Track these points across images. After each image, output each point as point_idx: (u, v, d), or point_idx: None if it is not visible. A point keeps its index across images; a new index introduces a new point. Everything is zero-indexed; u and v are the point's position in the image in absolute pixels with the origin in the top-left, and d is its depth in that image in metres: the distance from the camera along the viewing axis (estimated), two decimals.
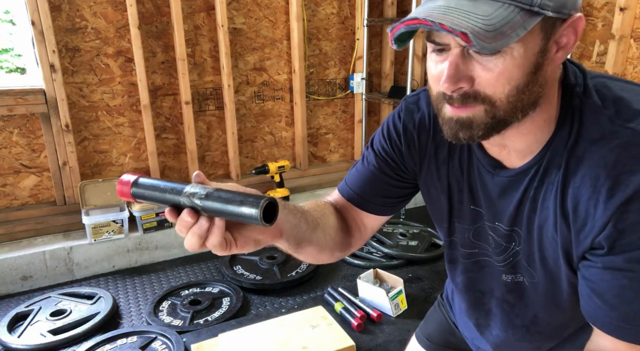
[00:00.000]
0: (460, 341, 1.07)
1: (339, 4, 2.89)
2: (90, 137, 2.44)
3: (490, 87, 0.60)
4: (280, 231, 0.70)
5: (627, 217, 0.58)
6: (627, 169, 0.58)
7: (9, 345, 1.77)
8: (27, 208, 2.35)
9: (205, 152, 2.76)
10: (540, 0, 0.55)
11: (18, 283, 2.21)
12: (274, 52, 2.79)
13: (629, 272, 0.60)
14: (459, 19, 0.54)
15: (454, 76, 0.59)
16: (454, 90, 0.60)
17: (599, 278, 0.63)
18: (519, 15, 0.55)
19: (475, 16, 0.55)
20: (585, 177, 0.62)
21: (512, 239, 0.76)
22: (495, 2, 0.56)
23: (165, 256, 2.51)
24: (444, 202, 0.84)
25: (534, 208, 0.70)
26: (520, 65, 0.58)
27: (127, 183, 0.61)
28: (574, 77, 0.67)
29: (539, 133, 0.67)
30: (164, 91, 2.56)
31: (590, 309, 0.65)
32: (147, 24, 2.42)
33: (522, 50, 0.58)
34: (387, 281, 2.08)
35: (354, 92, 3.06)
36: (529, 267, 0.76)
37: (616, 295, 0.61)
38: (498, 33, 0.54)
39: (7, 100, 2.16)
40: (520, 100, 0.61)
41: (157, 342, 1.78)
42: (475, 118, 0.62)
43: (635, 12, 2.17)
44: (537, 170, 0.68)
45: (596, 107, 0.63)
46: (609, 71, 2.25)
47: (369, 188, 0.89)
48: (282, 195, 2.81)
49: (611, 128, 0.61)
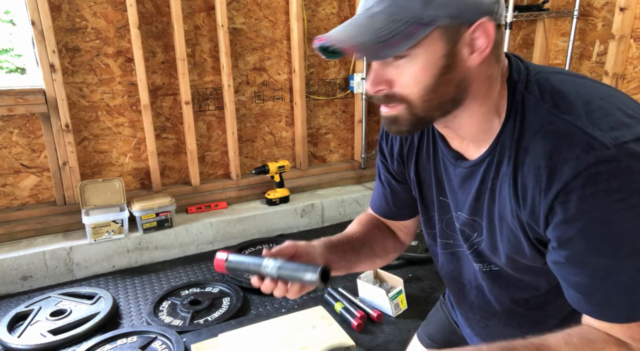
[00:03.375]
0: (462, 341, 1.07)
1: (339, 4, 2.90)
2: (90, 137, 2.44)
3: (405, 88, 0.68)
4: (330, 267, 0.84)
5: (568, 208, 0.62)
6: (561, 158, 0.62)
7: (9, 345, 1.77)
8: (27, 208, 2.35)
9: (205, 152, 2.76)
10: (430, 12, 0.61)
11: (18, 283, 2.21)
12: (274, 52, 2.79)
13: (587, 263, 0.64)
14: (351, 36, 0.64)
15: (374, 80, 0.69)
16: (375, 92, 0.70)
17: (566, 273, 0.67)
18: (410, 26, 0.62)
19: (367, 31, 0.63)
20: (530, 166, 0.66)
21: (474, 229, 0.81)
22: (388, 17, 0.63)
23: (165, 256, 2.51)
24: (418, 196, 0.92)
25: (493, 198, 0.74)
26: (425, 69, 0.65)
27: (222, 261, 0.85)
28: (517, 73, 0.71)
29: (485, 125, 0.72)
30: (164, 91, 2.56)
31: (570, 298, 0.69)
32: (147, 24, 2.42)
33: (426, 55, 0.64)
34: (387, 281, 2.08)
35: (354, 92, 3.06)
36: (493, 255, 0.80)
37: (586, 285, 0.65)
38: (386, 43, 0.62)
39: (7, 100, 2.16)
40: (433, 99, 0.68)
41: (157, 342, 1.78)
42: (399, 116, 0.70)
43: (635, 12, 2.17)
44: (491, 161, 0.73)
45: (536, 100, 0.68)
46: (609, 71, 2.25)
47: (390, 202, 1.00)
48: (282, 195, 2.82)
49: (549, 119, 0.65)
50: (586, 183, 0.60)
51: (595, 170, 0.59)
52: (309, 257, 0.85)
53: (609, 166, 0.59)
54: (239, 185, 2.82)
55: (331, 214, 2.96)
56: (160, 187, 2.60)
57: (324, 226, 2.94)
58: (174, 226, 2.49)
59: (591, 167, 0.60)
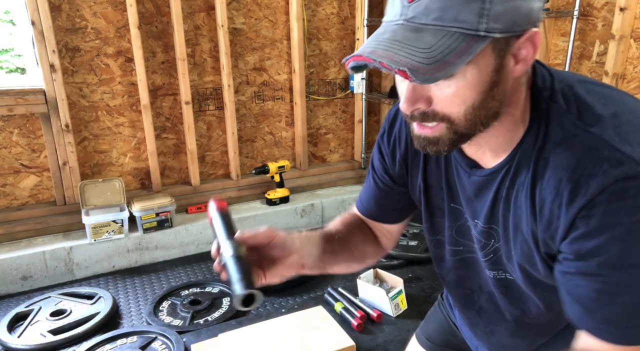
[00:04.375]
0: (460, 342, 1.07)
1: (339, 4, 2.89)
2: (90, 137, 2.44)
3: (447, 107, 0.62)
4: (302, 265, 0.82)
5: (590, 222, 0.60)
6: (586, 173, 0.60)
7: (9, 345, 1.77)
8: (27, 208, 2.35)
9: (205, 152, 2.76)
10: (485, 25, 0.56)
11: (18, 283, 2.21)
12: (274, 52, 2.79)
13: (600, 277, 0.61)
14: (399, 55, 0.56)
15: (411, 98, 0.62)
16: (412, 111, 0.63)
17: (573, 284, 0.65)
18: (464, 42, 0.56)
19: (417, 50, 0.56)
20: (550, 179, 0.64)
21: (491, 236, 0.78)
22: (439, 31, 0.56)
23: (165, 256, 2.51)
24: (423, 202, 0.88)
25: (508, 207, 0.72)
26: (473, 86, 0.60)
27: (210, 212, 0.82)
28: (542, 80, 0.68)
29: (509, 134, 0.69)
30: (164, 91, 2.56)
31: (571, 312, 0.67)
32: (147, 24, 2.42)
33: (475, 72, 0.59)
34: (387, 281, 2.08)
35: (354, 92, 3.06)
36: (508, 263, 0.77)
37: (593, 299, 0.63)
38: (441, 63, 0.55)
39: (7, 100, 2.16)
40: (478, 117, 0.63)
41: (157, 342, 1.78)
42: (441, 136, 0.65)
43: (635, 12, 2.16)
44: (508, 170, 0.70)
45: (561, 111, 0.65)
46: (609, 71, 2.25)
47: (381, 204, 0.97)
48: (282, 195, 2.82)
49: (574, 131, 0.62)
50: (612, 198, 0.58)
51: (622, 185, 0.57)
52: (283, 252, 0.80)
53: (637, 182, 0.57)
54: (239, 185, 2.82)
55: (331, 214, 2.96)
56: (160, 187, 2.60)
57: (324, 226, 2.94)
58: (174, 226, 2.49)
59: (619, 182, 0.57)
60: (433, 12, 0.56)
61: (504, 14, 0.56)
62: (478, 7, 0.55)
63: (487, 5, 0.55)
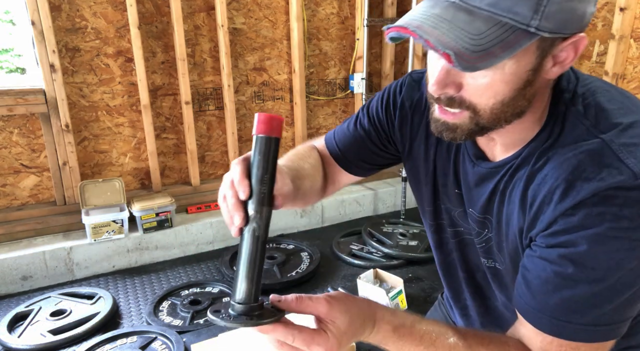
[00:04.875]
0: None
1: (339, 4, 2.89)
2: (90, 137, 2.44)
3: (476, 96, 0.61)
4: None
5: (571, 220, 0.60)
6: (583, 176, 0.60)
7: (9, 345, 1.77)
8: (27, 208, 2.35)
9: (205, 152, 2.76)
10: (538, 22, 0.54)
11: (18, 283, 2.20)
12: (274, 52, 2.79)
13: (557, 266, 0.62)
14: (447, 36, 0.54)
15: (442, 81, 0.60)
16: (440, 94, 0.62)
17: (532, 266, 0.66)
18: (513, 34, 0.54)
19: (466, 34, 0.54)
20: (547, 176, 0.64)
21: (485, 226, 0.79)
22: (491, 18, 0.54)
23: (165, 256, 2.51)
24: (430, 184, 0.87)
25: (503, 201, 0.73)
26: (509, 81, 0.59)
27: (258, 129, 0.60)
28: (567, 82, 0.67)
29: (525, 133, 0.69)
30: (164, 91, 2.56)
31: (517, 294, 0.68)
32: (147, 24, 2.42)
33: (515, 67, 0.58)
34: (387, 281, 2.08)
35: (354, 92, 3.06)
36: (499, 253, 0.78)
37: (540, 284, 0.64)
38: (486, 53, 0.54)
39: (7, 100, 2.15)
40: (503, 112, 0.62)
41: (157, 342, 1.78)
42: (461, 125, 0.64)
43: (635, 12, 2.16)
44: (512, 166, 0.70)
45: (578, 115, 0.64)
46: (609, 71, 2.25)
47: (356, 151, 0.93)
48: None
49: (585, 136, 0.62)
50: (598, 202, 0.58)
51: (612, 193, 0.58)
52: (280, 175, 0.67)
53: (628, 194, 0.57)
54: None
55: (331, 214, 2.96)
56: (160, 187, 2.60)
57: (324, 226, 2.94)
58: (174, 226, 2.49)
59: (610, 190, 0.58)
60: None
61: (558, 13, 0.54)
62: (535, 1, 0.53)
63: (544, 2, 0.53)
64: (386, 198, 3.13)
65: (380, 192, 3.10)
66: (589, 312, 0.62)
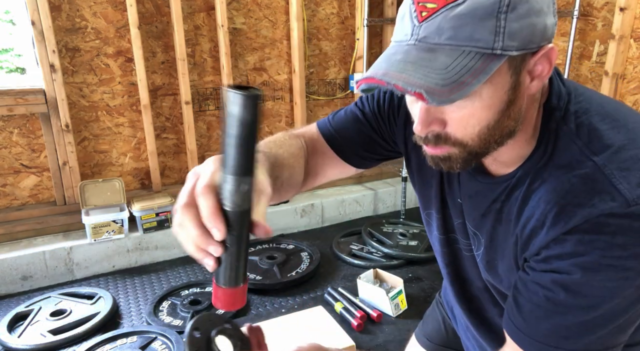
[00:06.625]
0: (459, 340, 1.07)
1: (339, 4, 2.89)
2: (90, 137, 2.44)
3: (461, 129, 0.61)
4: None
5: (563, 246, 0.60)
6: (575, 201, 0.59)
7: (9, 345, 1.77)
8: (27, 208, 2.35)
9: (205, 152, 2.76)
10: (501, 43, 0.54)
11: (18, 283, 2.21)
12: (274, 52, 2.79)
13: (549, 292, 0.62)
14: (414, 77, 0.54)
15: (425, 120, 0.60)
16: (426, 133, 0.62)
17: (524, 289, 0.66)
18: (480, 61, 0.54)
19: (433, 71, 0.54)
20: (541, 199, 0.63)
21: (475, 241, 0.79)
22: (453, 51, 0.55)
23: (165, 256, 2.51)
24: (436, 189, 0.85)
25: (499, 219, 0.72)
26: (490, 106, 0.59)
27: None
28: (557, 99, 0.66)
29: (520, 150, 0.68)
30: (164, 91, 2.56)
31: (507, 316, 0.68)
32: (147, 24, 2.42)
33: (492, 91, 0.58)
34: (387, 281, 2.08)
35: (354, 92, 3.06)
36: (487, 272, 0.78)
37: (531, 308, 0.64)
38: (457, 84, 0.54)
39: (7, 100, 2.15)
40: (492, 136, 0.62)
41: (157, 342, 1.78)
42: (452, 156, 0.64)
43: (635, 12, 2.17)
44: (507, 185, 0.70)
45: (570, 134, 0.64)
46: (609, 71, 2.25)
47: (354, 135, 0.88)
48: None
49: (579, 158, 0.62)
50: (590, 229, 0.58)
51: (605, 220, 0.57)
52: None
53: (621, 221, 0.57)
54: None
55: (331, 214, 2.96)
56: (160, 187, 2.60)
57: (324, 226, 2.94)
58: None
59: (602, 217, 0.57)
60: (446, 32, 0.55)
61: (519, 31, 0.55)
62: (493, 25, 0.54)
63: (502, 23, 0.54)
64: (386, 198, 3.13)
65: (380, 192, 3.10)
66: (580, 339, 0.62)
